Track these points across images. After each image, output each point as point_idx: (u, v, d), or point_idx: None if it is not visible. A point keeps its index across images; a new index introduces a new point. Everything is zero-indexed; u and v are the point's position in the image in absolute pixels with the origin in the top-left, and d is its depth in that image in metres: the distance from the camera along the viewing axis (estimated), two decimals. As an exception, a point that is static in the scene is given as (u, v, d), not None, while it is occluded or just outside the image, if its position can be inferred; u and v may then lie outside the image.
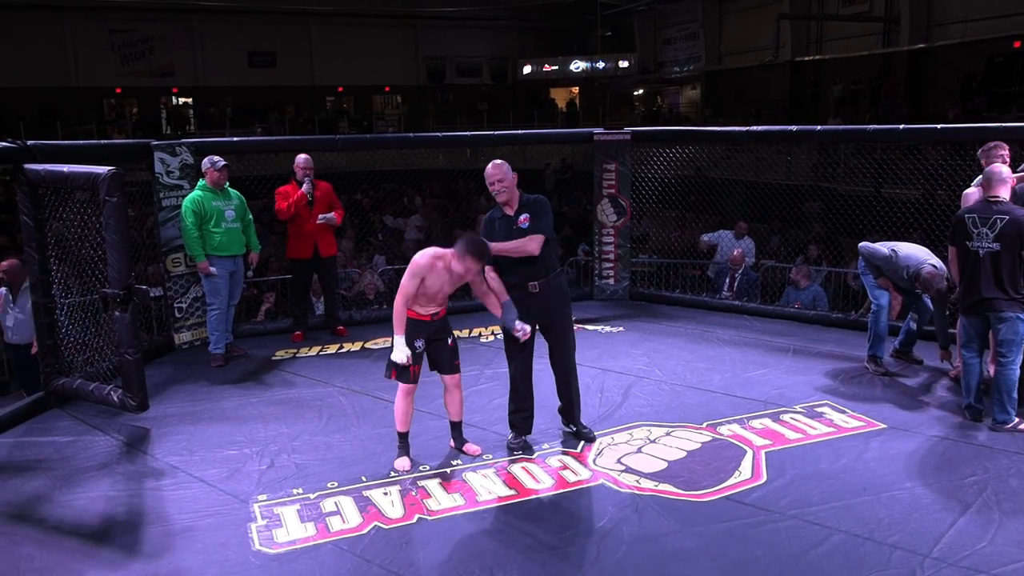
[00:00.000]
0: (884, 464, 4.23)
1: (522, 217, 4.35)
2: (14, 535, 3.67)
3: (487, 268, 4.38)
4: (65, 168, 4.79)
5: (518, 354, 4.48)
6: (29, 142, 5.09)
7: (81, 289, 5.35)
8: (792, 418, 4.87)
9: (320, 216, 6.57)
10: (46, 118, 23.15)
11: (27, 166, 4.91)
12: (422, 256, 4.15)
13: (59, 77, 25.55)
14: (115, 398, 4.88)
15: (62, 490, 4.11)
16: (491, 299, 4.35)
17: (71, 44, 25.86)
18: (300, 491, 4.03)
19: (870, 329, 5.71)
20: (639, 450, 4.45)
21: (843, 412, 4.95)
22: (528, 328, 4.34)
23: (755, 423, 4.80)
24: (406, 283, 4.13)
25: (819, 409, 5.01)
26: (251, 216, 6.39)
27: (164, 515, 3.83)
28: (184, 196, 6.23)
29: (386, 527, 3.67)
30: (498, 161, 4.36)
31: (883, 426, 4.73)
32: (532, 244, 4.30)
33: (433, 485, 4.07)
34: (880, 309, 5.64)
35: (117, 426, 4.96)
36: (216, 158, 6.10)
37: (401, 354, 4.14)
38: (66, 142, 6.30)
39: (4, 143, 4.96)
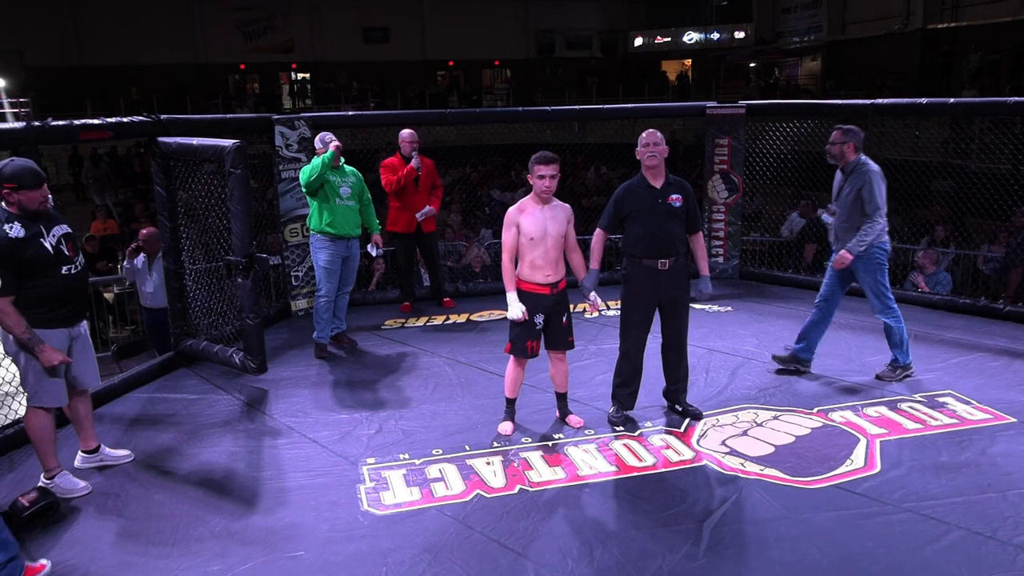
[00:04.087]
0: (1012, 460, 3.98)
1: (673, 196, 4.32)
2: (147, 483, 3.97)
3: (596, 232, 4.37)
4: (194, 141, 5.05)
5: (636, 328, 4.46)
6: (163, 116, 5.39)
7: (206, 256, 5.66)
8: (911, 407, 4.65)
9: (419, 213, 6.68)
10: (177, 94, 24.49)
11: (160, 139, 5.21)
12: (509, 210, 4.23)
13: (189, 55, 26.99)
14: (237, 360, 5.16)
15: (189, 443, 4.40)
16: (577, 258, 4.35)
17: (199, 23, 27.22)
18: (406, 456, 4.16)
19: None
20: (745, 433, 4.36)
21: (968, 403, 4.68)
22: (600, 302, 4.37)
23: (870, 411, 4.61)
24: (504, 237, 4.21)
25: (941, 399, 4.76)
26: (369, 195, 6.01)
27: (280, 472, 4.04)
28: (301, 168, 6.40)
29: (488, 496, 3.75)
30: (651, 130, 4.35)
31: (1012, 420, 4.44)
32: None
33: (535, 457, 4.12)
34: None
35: (238, 386, 5.24)
36: (329, 136, 5.82)
37: (516, 310, 4.19)
38: (195, 116, 6.58)
39: (142, 118, 5.27)
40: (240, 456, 4.25)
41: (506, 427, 4.43)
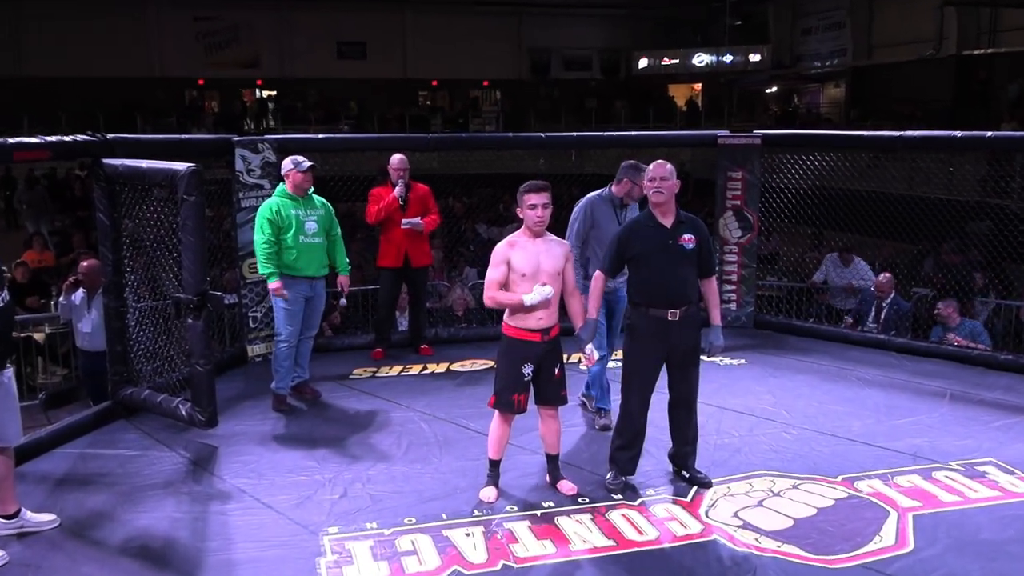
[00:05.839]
0: (1062, 539, 3.97)
1: (686, 236, 4.32)
2: (74, 553, 3.88)
3: (596, 275, 4.38)
4: (144, 164, 5.06)
5: (640, 385, 4.43)
6: (108, 136, 5.40)
7: (153, 293, 5.63)
8: (947, 477, 4.64)
9: (404, 221, 6.63)
10: (126, 110, 24.60)
11: (105, 161, 5.21)
12: (498, 245, 4.25)
13: (141, 67, 27.11)
14: (183, 412, 5.11)
15: (124, 507, 4.32)
16: (575, 304, 4.36)
17: (154, 33, 27.42)
18: (374, 525, 4.11)
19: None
20: (760, 503, 4.33)
21: (1011, 473, 4.67)
22: (595, 357, 4.40)
23: (901, 480, 4.59)
24: (489, 274, 4.21)
25: (981, 468, 4.75)
26: (339, 230, 6.03)
27: (229, 542, 3.97)
28: (264, 197, 6.39)
29: (466, 572, 3.69)
30: (660, 161, 4.35)
31: (1061, 493, 4.44)
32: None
33: (521, 528, 4.07)
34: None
35: (184, 442, 5.18)
36: (299, 158, 5.76)
37: (539, 292, 4.10)
38: (146, 136, 6.62)
39: (84, 136, 5.28)
40: (183, 523, 4.17)
41: (489, 493, 4.38)
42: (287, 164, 5.78)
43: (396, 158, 6.71)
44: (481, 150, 9.70)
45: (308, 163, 5.76)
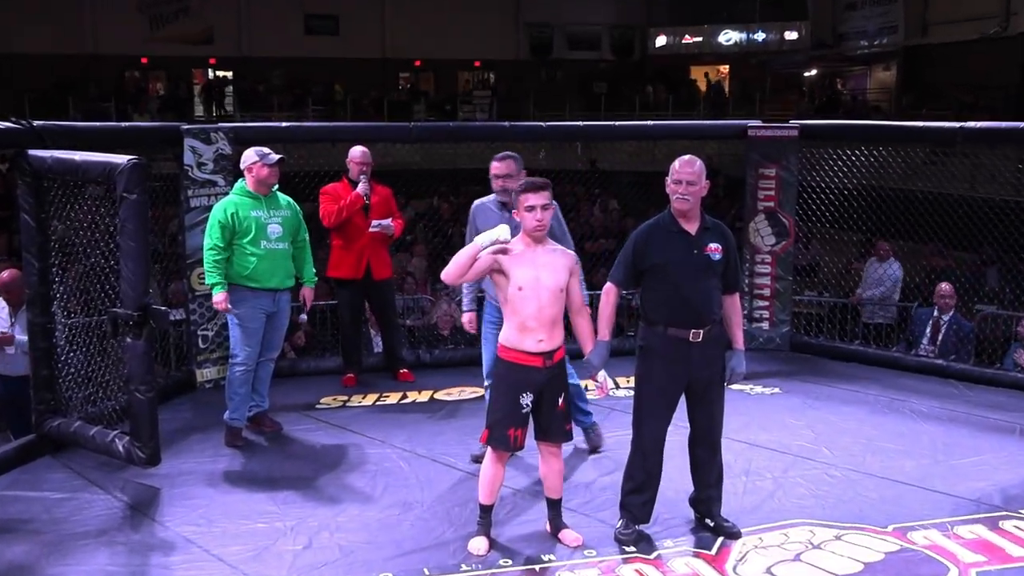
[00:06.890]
0: None
1: (713, 245, 4.31)
2: (-10, 614, 3.87)
3: (607, 288, 4.38)
4: (77, 156, 5.05)
5: (655, 418, 4.42)
6: (36, 123, 5.40)
7: (86, 308, 5.62)
8: (1016, 527, 4.63)
9: (374, 222, 6.62)
10: (57, 93, 24.58)
11: (32, 152, 5.21)
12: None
13: (75, 43, 27.07)
14: (120, 447, 5.08)
15: (50, 560, 4.29)
16: (584, 324, 4.35)
17: (89, 3, 27.38)
18: (344, 582, 4.09)
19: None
20: (797, 557, 4.33)
21: (1091, 522, 4.69)
22: (609, 386, 4.38)
23: (963, 530, 4.59)
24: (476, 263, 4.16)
25: (1057, 516, 4.76)
26: (307, 234, 6.06)
27: (172, 601, 3.96)
28: (218, 195, 6.38)
29: (452, 638, 3.69)
30: (688, 157, 4.30)
31: None
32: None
33: (516, 586, 4.07)
34: None
35: (120, 483, 5.15)
36: (266, 149, 5.72)
37: (498, 230, 4.08)
38: (79, 124, 6.63)
39: (7, 124, 5.28)
40: (119, 578, 4.15)
41: (479, 544, 4.36)
42: (251, 156, 5.74)
43: (358, 151, 6.70)
44: (471, 141, 9.70)
45: (277, 156, 5.73)
